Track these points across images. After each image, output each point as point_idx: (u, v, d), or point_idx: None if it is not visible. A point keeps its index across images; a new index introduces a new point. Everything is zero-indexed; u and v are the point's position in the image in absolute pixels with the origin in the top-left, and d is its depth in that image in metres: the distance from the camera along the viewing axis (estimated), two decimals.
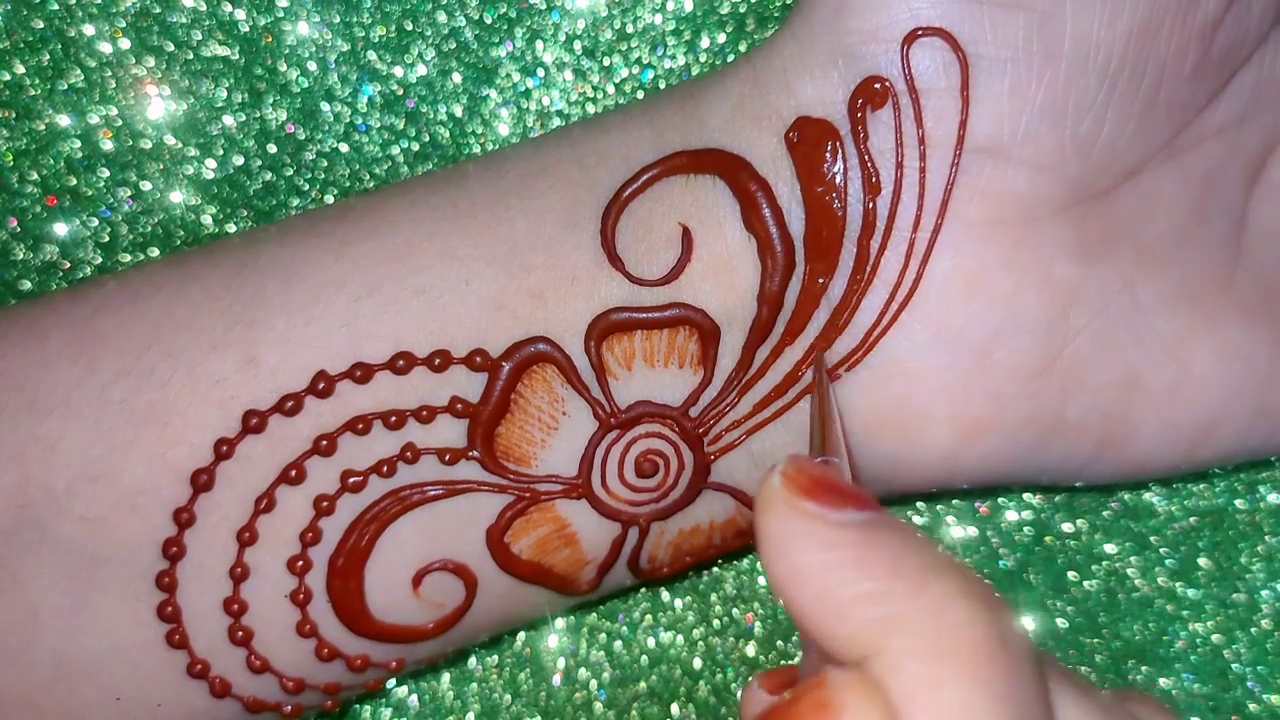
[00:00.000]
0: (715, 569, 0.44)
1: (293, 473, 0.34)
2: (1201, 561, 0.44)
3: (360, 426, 0.34)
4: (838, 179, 0.34)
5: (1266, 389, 0.36)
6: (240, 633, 0.35)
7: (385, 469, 0.34)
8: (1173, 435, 0.36)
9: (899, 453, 0.35)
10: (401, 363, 0.34)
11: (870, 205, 0.34)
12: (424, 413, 0.34)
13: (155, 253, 0.43)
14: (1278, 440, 0.38)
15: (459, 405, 0.34)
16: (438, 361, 0.34)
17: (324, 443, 0.34)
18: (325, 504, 0.34)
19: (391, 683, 0.43)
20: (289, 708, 0.37)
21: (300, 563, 0.35)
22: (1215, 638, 0.43)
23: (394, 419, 0.34)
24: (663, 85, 0.43)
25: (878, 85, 0.33)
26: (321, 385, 0.34)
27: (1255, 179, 0.36)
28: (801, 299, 0.34)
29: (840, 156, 0.34)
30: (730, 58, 0.43)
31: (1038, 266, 0.34)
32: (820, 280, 0.34)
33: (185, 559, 0.34)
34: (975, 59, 0.33)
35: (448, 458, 0.35)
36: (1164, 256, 0.35)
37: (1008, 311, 0.34)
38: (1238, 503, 0.44)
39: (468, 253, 0.34)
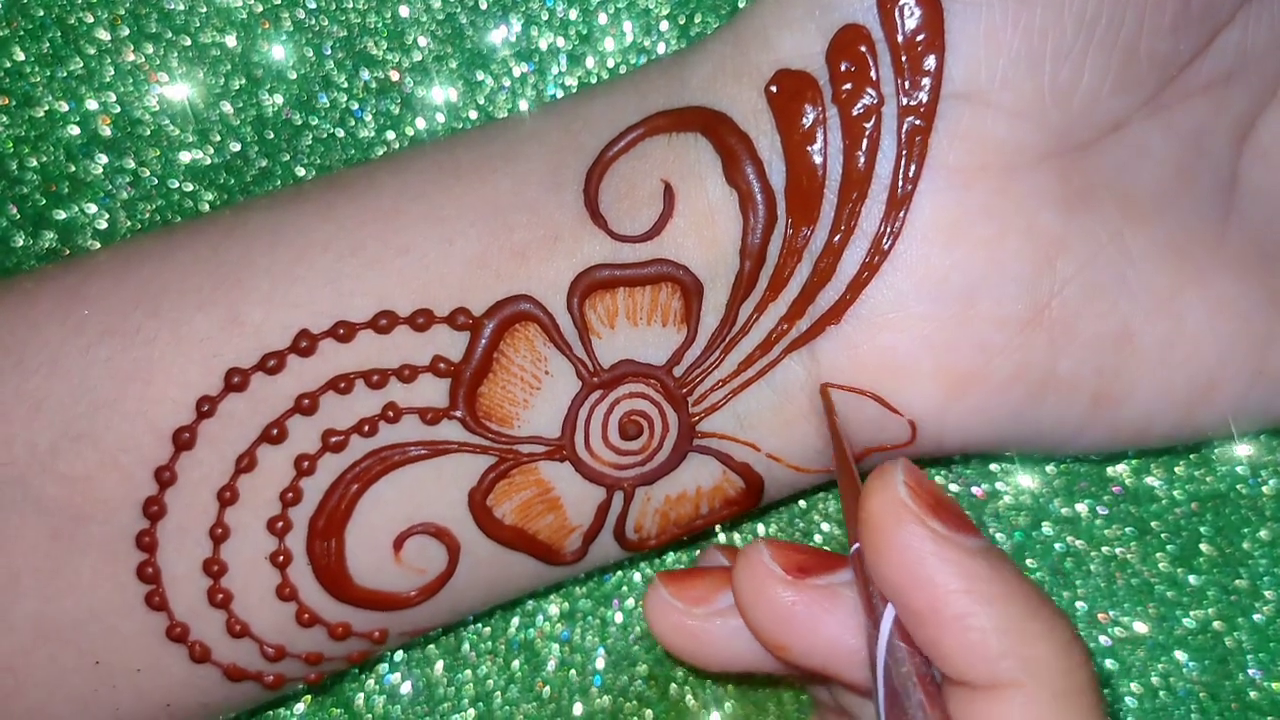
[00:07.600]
0: None
1: (274, 431, 0.34)
2: (1203, 547, 0.43)
3: (342, 385, 0.34)
4: (817, 130, 0.33)
5: (1263, 349, 0.36)
6: (220, 595, 0.35)
7: (367, 428, 0.34)
8: (1169, 395, 0.36)
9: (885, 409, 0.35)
10: (384, 321, 0.34)
11: (850, 154, 0.33)
12: (406, 372, 0.34)
13: None
14: (1278, 406, 0.37)
15: (441, 364, 0.34)
16: (420, 320, 0.34)
17: (306, 401, 0.34)
18: (306, 464, 0.34)
19: (384, 668, 0.43)
20: (270, 677, 0.36)
21: (280, 523, 0.35)
22: (1216, 624, 0.43)
23: (376, 378, 0.34)
24: None
25: (854, 33, 0.33)
26: (304, 344, 0.34)
27: (1244, 139, 0.36)
28: (784, 252, 0.34)
29: (819, 107, 0.33)
30: None
31: (1020, 215, 0.33)
32: (803, 232, 0.34)
33: (166, 518, 0.34)
34: (950, 4, 0.32)
35: (430, 417, 0.34)
36: (1151, 211, 0.35)
37: (990, 259, 0.33)
38: (1239, 487, 0.43)
39: (452, 213, 0.34)
